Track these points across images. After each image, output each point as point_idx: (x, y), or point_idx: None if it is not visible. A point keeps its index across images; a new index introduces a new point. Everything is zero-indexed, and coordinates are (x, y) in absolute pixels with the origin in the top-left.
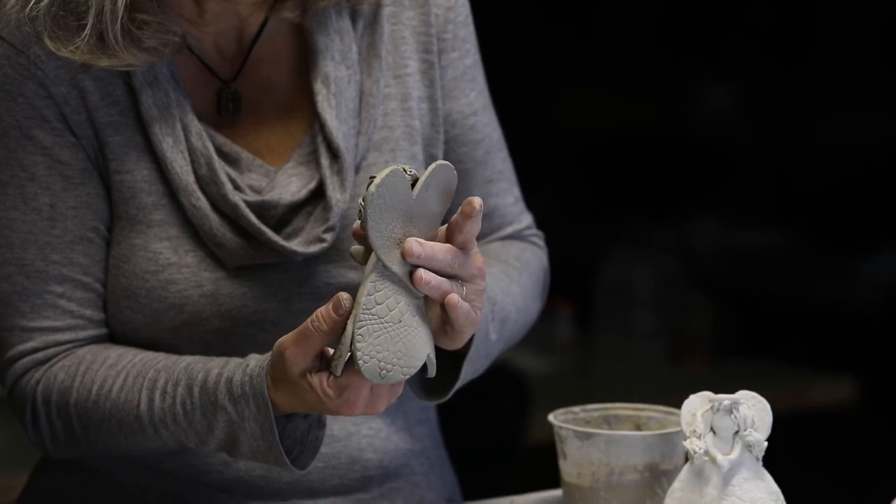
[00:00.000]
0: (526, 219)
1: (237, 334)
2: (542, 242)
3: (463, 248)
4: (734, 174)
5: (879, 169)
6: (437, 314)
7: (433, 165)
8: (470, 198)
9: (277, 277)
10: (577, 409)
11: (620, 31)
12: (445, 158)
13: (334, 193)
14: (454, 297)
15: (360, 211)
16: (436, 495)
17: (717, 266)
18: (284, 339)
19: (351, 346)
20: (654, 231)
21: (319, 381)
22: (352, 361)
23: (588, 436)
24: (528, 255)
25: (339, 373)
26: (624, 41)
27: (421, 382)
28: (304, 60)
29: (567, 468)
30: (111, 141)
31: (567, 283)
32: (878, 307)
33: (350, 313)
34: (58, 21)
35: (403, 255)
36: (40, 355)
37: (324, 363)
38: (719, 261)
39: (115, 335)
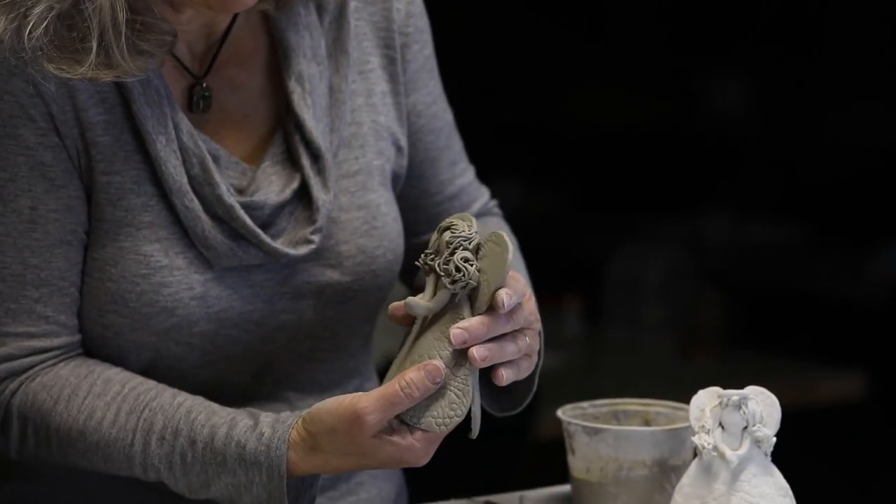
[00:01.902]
0: (485, 191)
1: (222, 336)
2: (499, 209)
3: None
4: (744, 169)
5: (889, 164)
6: None
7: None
8: (497, 295)
9: (260, 278)
10: (585, 404)
11: (631, 26)
12: (412, 150)
13: (319, 194)
14: (500, 375)
15: (427, 266)
16: (391, 484)
17: (726, 260)
18: (363, 406)
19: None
20: (663, 225)
21: (403, 437)
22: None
23: (597, 431)
24: (503, 227)
25: (476, 434)
26: (635, 36)
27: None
28: (273, 57)
29: (575, 463)
30: (100, 141)
31: (576, 277)
32: (887, 302)
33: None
34: (59, 45)
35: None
36: (16, 364)
37: (393, 420)
38: (729, 255)
39: (95, 339)
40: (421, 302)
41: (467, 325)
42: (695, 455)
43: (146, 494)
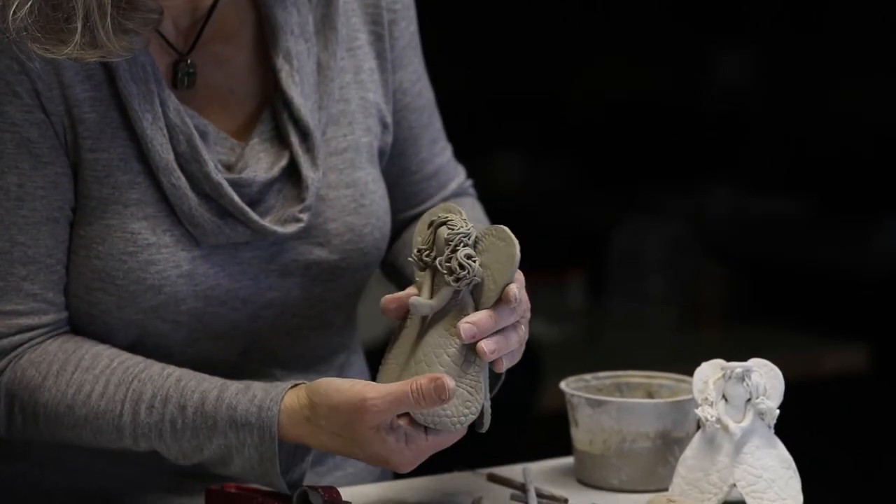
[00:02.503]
0: (461, 170)
1: (209, 313)
2: (473, 189)
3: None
4: (748, 141)
5: (892, 136)
6: None
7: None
8: (507, 289)
9: (248, 255)
10: (588, 376)
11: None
12: (396, 127)
13: (309, 172)
14: (501, 364)
15: (420, 262)
16: None
17: (730, 233)
18: (372, 397)
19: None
20: (667, 198)
21: (397, 440)
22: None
23: (600, 403)
24: (478, 211)
25: (486, 428)
26: (639, 9)
27: None
28: (259, 34)
29: (579, 436)
30: (86, 118)
31: (579, 249)
32: (890, 275)
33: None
34: (44, 26)
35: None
36: (4, 343)
37: (395, 420)
38: (732, 228)
39: (81, 317)
40: (425, 301)
41: (476, 320)
42: (698, 427)
43: (132, 472)
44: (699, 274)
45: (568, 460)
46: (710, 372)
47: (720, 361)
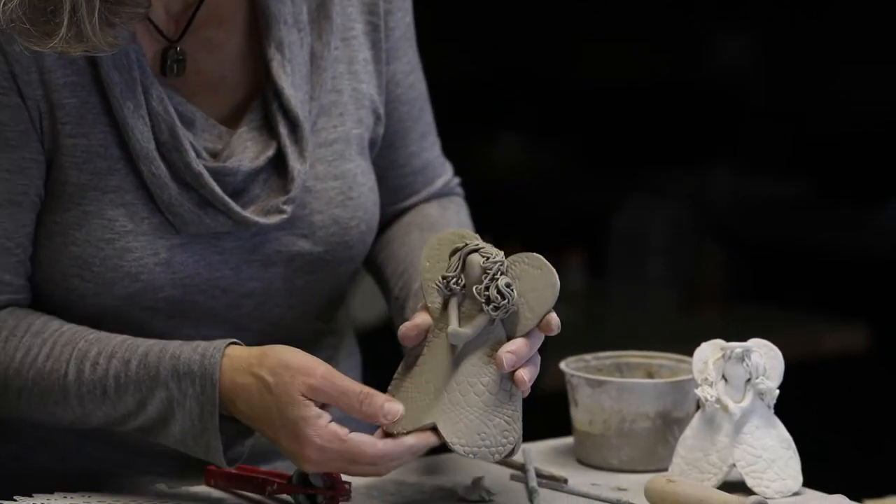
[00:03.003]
0: (449, 167)
1: (187, 302)
2: (461, 189)
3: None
4: (749, 123)
5: (893, 118)
6: None
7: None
8: (549, 318)
9: (229, 245)
10: (588, 356)
11: None
12: (386, 119)
13: (295, 164)
14: (526, 387)
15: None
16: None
17: (730, 215)
18: (324, 370)
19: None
20: (668, 180)
21: (322, 431)
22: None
23: (600, 383)
24: (464, 216)
25: (516, 454)
26: None
27: None
28: (251, 20)
29: (579, 416)
30: (67, 103)
31: (580, 230)
32: (890, 255)
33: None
34: (31, 18)
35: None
36: None
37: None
38: (733, 209)
39: (57, 303)
40: (462, 331)
41: (515, 349)
42: (697, 407)
43: (121, 455)
44: (699, 255)
45: (568, 440)
46: (709, 352)
47: (720, 342)
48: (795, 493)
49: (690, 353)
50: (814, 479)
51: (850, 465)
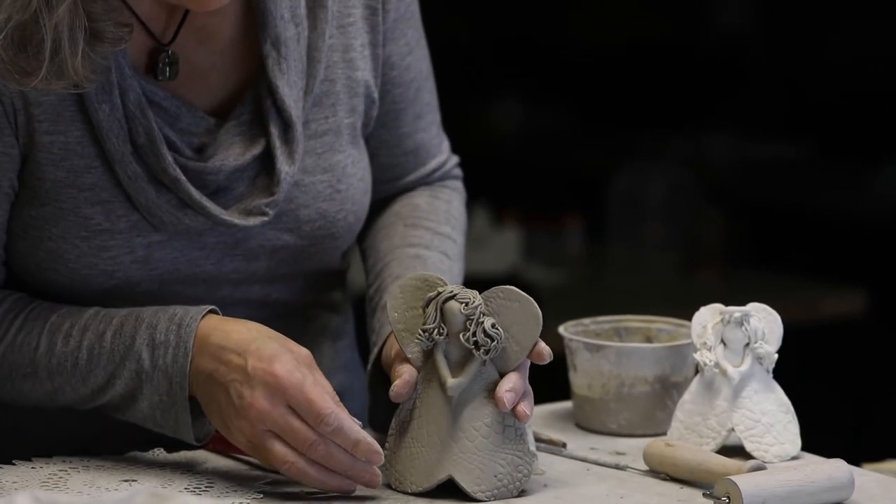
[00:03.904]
0: (445, 146)
1: (166, 291)
2: (458, 170)
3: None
4: (748, 86)
5: (892, 81)
6: None
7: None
8: (539, 348)
9: (211, 240)
10: (587, 321)
11: None
12: (380, 100)
13: (283, 166)
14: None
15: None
16: (358, 405)
17: (729, 178)
18: (319, 374)
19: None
20: (667, 143)
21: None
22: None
23: (598, 348)
24: (454, 206)
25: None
26: None
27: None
28: (247, 10)
29: (577, 380)
30: (43, 101)
31: (579, 194)
32: (889, 219)
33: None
34: (12, 56)
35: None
36: None
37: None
38: (732, 173)
39: (36, 296)
40: (458, 381)
41: (513, 387)
42: (696, 372)
43: (113, 420)
44: (698, 219)
45: (566, 405)
46: (708, 316)
47: (719, 306)
48: (794, 458)
49: (689, 317)
50: (812, 443)
51: (849, 429)
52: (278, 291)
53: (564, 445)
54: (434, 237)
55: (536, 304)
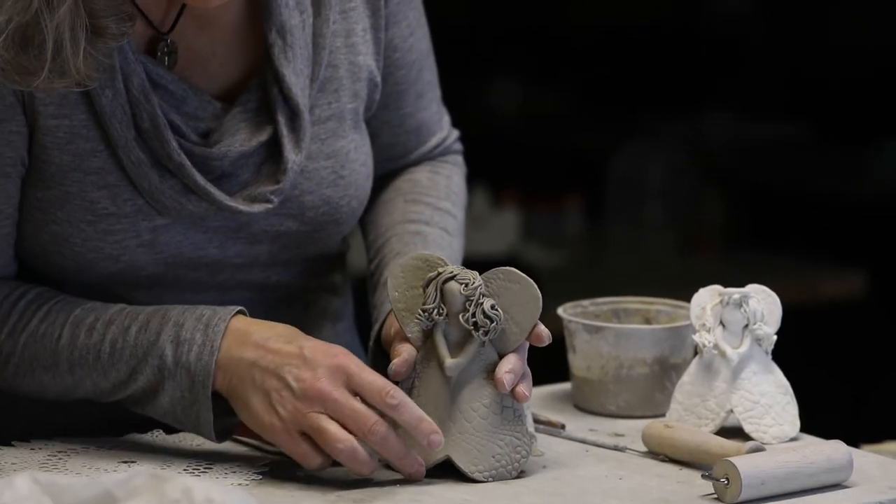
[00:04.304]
0: (445, 122)
1: (171, 275)
2: (459, 144)
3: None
4: (747, 67)
5: (892, 62)
6: None
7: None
8: (539, 331)
9: (214, 224)
10: (586, 302)
11: None
12: (382, 82)
13: (290, 154)
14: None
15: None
16: None
17: (729, 159)
18: (339, 351)
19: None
20: (666, 123)
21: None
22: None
23: (597, 329)
24: (455, 181)
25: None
26: None
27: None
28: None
29: (576, 362)
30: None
31: (578, 175)
32: (888, 201)
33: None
34: (14, 56)
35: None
36: None
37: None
38: (731, 154)
39: (39, 280)
40: (458, 361)
41: (512, 368)
42: (695, 353)
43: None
44: (697, 200)
45: (565, 386)
46: (707, 298)
47: (718, 287)
48: (793, 439)
49: (688, 298)
50: (811, 424)
51: (848, 410)
52: (279, 274)
53: (563, 427)
54: (434, 213)
55: (536, 287)
